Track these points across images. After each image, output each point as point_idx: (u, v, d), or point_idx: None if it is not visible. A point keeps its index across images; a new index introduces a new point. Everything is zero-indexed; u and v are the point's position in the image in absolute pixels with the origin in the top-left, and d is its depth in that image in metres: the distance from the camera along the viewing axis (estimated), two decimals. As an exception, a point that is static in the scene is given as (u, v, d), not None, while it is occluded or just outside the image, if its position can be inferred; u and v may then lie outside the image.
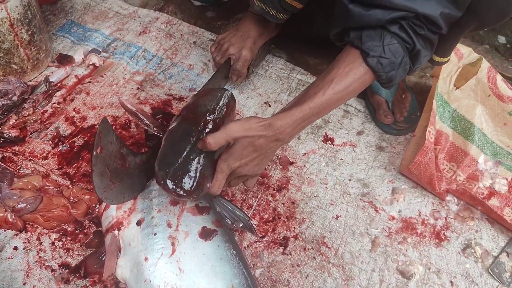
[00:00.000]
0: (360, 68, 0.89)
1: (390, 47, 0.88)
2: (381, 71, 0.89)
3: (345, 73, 0.89)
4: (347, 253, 1.03)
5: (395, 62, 0.89)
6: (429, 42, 0.91)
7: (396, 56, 0.88)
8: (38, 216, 0.96)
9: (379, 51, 0.88)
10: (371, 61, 0.88)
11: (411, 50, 0.89)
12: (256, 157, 0.89)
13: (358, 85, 0.90)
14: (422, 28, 0.87)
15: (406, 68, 0.92)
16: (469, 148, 1.14)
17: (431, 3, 0.86)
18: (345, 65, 0.89)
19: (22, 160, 1.06)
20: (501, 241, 1.09)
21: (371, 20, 0.88)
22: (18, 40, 1.12)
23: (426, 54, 0.92)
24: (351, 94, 0.92)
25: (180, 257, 0.84)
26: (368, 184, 1.15)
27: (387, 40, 0.88)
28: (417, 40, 0.88)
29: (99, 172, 0.81)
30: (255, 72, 1.36)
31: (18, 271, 0.91)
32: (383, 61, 0.88)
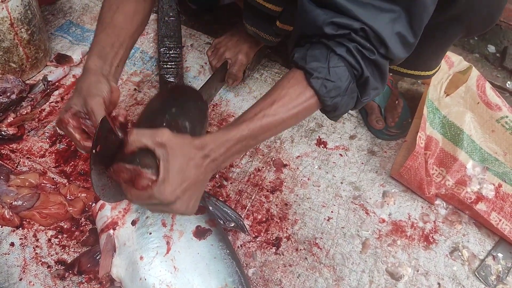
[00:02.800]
0: (305, 91, 0.81)
1: (336, 69, 0.80)
2: (325, 95, 0.80)
3: (288, 95, 0.81)
4: (338, 254, 1.05)
5: (341, 87, 0.80)
6: (378, 71, 0.82)
7: (342, 80, 0.80)
8: (35, 213, 0.97)
9: (324, 72, 0.79)
10: (315, 83, 0.80)
11: (359, 77, 0.81)
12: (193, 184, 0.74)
13: (301, 110, 0.82)
14: (372, 53, 0.79)
15: (353, 96, 0.84)
16: (458, 154, 1.17)
17: (383, 18, 0.78)
18: (289, 86, 0.81)
19: (19, 158, 1.08)
20: (488, 245, 1.12)
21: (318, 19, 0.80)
22: (18, 39, 1.13)
23: (376, 86, 0.84)
24: (294, 118, 0.83)
25: (175, 255, 0.86)
26: (360, 187, 1.18)
27: (333, 62, 0.79)
28: (365, 66, 0.79)
29: (98, 170, 0.82)
30: (251, 76, 1.38)
31: (15, 266, 0.92)
32: (328, 84, 0.79)
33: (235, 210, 1.03)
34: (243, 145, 0.79)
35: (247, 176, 1.15)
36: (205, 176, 0.76)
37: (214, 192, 1.10)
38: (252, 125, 0.78)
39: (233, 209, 1.03)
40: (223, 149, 0.76)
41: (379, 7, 0.77)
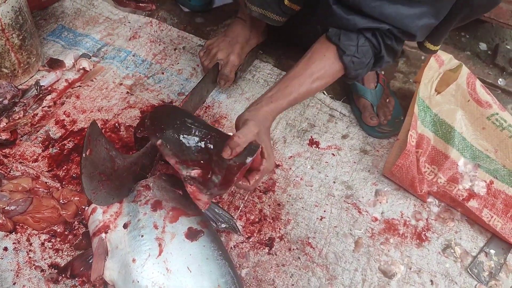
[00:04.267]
0: (335, 65, 1.03)
1: (362, 48, 1.01)
2: (351, 69, 1.02)
3: (323, 68, 1.02)
4: (331, 253, 1.06)
5: (364, 62, 1.02)
6: (392, 52, 1.05)
7: (366, 57, 1.02)
8: (28, 217, 0.97)
9: (353, 50, 1.00)
10: (346, 59, 1.01)
11: (377, 54, 1.03)
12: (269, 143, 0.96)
13: (329, 81, 1.05)
14: (390, 39, 1.01)
15: (370, 68, 1.06)
16: (449, 152, 1.18)
17: (412, 18, 0.97)
18: (325, 60, 1.02)
19: (12, 163, 1.08)
20: (480, 242, 1.12)
21: (349, 24, 1.00)
22: (9, 44, 1.14)
23: (388, 60, 1.06)
24: (322, 88, 1.07)
25: (167, 257, 0.87)
26: (352, 186, 1.18)
27: (361, 42, 1.00)
28: (384, 48, 1.02)
29: (88, 174, 0.83)
30: (243, 77, 1.39)
31: (8, 271, 0.92)
32: (355, 60, 1.01)
33: (227, 211, 1.03)
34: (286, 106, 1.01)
35: (239, 177, 1.15)
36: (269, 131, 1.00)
37: (207, 193, 1.11)
38: (297, 94, 1.01)
39: (225, 210, 1.03)
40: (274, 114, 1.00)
41: (406, 4, 0.96)
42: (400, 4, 0.96)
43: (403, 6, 0.96)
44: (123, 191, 0.95)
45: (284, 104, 1.00)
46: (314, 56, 1.03)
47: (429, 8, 0.97)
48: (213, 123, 1.26)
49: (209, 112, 1.29)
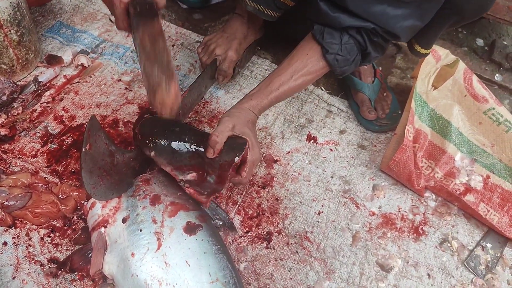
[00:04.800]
0: (319, 63, 1.04)
1: (346, 46, 1.01)
2: (336, 66, 1.04)
3: (306, 66, 1.03)
4: (328, 247, 1.06)
5: (349, 60, 1.03)
6: (380, 47, 1.05)
7: (350, 54, 1.02)
8: (27, 212, 0.98)
9: (336, 48, 1.01)
10: (329, 57, 1.02)
11: (363, 50, 1.03)
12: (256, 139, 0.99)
13: (315, 76, 1.07)
14: (376, 36, 1.00)
15: (357, 63, 1.06)
16: (446, 146, 1.18)
17: (397, 19, 0.97)
18: (307, 58, 1.04)
19: (11, 158, 1.09)
20: (477, 236, 1.13)
21: (335, 21, 1.00)
22: (8, 40, 1.14)
23: (376, 55, 1.06)
24: (307, 85, 1.08)
25: (166, 251, 0.87)
26: (350, 181, 1.19)
27: (345, 40, 1.01)
28: (369, 45, 1.02)
29: (88, 168, 0.83)
30: (241, 73, 1.39)
31: (8, 265, 0.93)
32: (339, 58, 1.02)
33: (223, 209, 1.04)
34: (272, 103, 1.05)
35: (238, 172, 1.16)
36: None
37: (206, 188, 1.11)
38: (278, 93, 1.03)
39: (222, 208, 1.04)
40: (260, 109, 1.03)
41: (393, 4, 0.95)
42: (387, 4, 0.96)
43: (389, 7, 0.96)
44: (122, 186, 0.96)
45: (265, 102, 1.02)
46: (297, 55, 1.05)
47: (415, 10, 0.97)
48: (211, 119, 1.26)
49: (207, 108, 1.29)
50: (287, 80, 1.03)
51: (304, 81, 1.05)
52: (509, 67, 1.56)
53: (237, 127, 0.94)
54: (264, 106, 1.03)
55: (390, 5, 0.96)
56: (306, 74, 1.04)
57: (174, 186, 0.98)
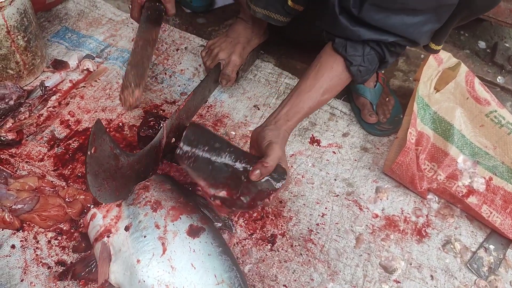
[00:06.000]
0: (343, 75, 1.07)
1: (368, 57, 1.05)
2: (358, 77, 1.08)
3: (332, 80, 1.06)
4: (332, 249, 1.07)
5: (370, 69, 1.08)
6: (396, 54, 1.09)
7: (372, 64, 1.07)
8: (35, 215, 0.99)
9: (359, 60, 1.05)
10: (353, 70, 1.06)
11: (382, 60, 1.08)
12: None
13: (338, 90, 1.11)
14: (394, 46, 1.05)
15: (375, 71, 1.11)
16: (449, 149, 1.19)
17: (417, 26, 1.00)
18: (332, 72, 1.06)
19: (19, 162, 1.10)
20: (479, 237, 1.14)
21: (354, 35, 1.03)
22: (15, 46, 1.16)
23: (392, 61, 1.11)
24: (331, 98, 1.13)
25: (171, 255, 0.88)
26: (353, 183, 1.20)
27: (366, 51, 1.05)
28: (388, 54, 1.06)
29: (93, 171, 0.85)
30: (245, 77, 1.41)
31: (16, 268, 0.94)
32: (362, 69, 1.06)
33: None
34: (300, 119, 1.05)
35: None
36: None
37: (210, 191, 1.12)
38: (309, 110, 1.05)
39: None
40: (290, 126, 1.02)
41: (411, 13, 0.98)
42: (404, 14, 0.98)
43: (407, 16, 0.98)
44: (127, 189, 0.97)
45: (298, 120, 1.04)
46: (322, 69, 1.06)
47: (432, 15, 0.99)
48: (215, 122, 1.28)
49: (211, 111, 1.30)
50: (317, 98, 1.05)
51: (330, 96, 1.09)
52: (511, 70, 1.57)
53: (283, 156, 0.95)
54: (296, 125, 1.05)
55: (407, 14, 0.98)
56: (332, 88, 1.07)
57: (173, 192, 0.99)
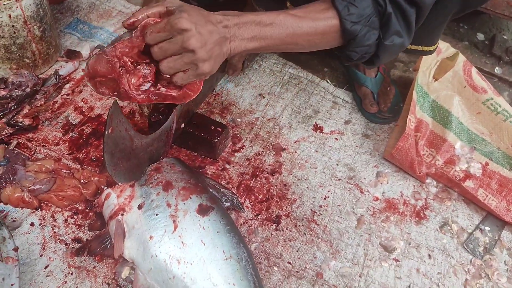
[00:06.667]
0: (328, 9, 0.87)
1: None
2: (347, 18, 0.85)
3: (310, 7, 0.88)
4: (334, 230, 1.12)
5: (363, 15, 0.85)
6: (402, 15, 0.87)
7: (366, 9, 0.85)
8: (52, 195, 1.05)
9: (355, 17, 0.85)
10: (339, 3, 0.85)
11: (382, 14, 0.87)
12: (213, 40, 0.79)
13: (321, 26, 0.87)
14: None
15: (374, 32, 0.88)
16: (447, 135, 1.24)
17: None
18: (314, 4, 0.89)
19: (35, 146, 1.16)
20: (476, 219, 1.19)
21: None
22: (31, 36, 1.21)
23: (399, 30, 0.88)
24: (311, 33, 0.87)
25: (182, 232, 0.93)
26: (354, 168, 1.25)
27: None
28: (389, 2, 0.86)
29: (110, 150, 0.90)
30: (250, 66, 1.46)
31: (35, 244, 1.00)
32: (351, 7, 0.85)
33: (230, 189, 1.11)
34: (258, 30, 0.83)
35: (248, 160, 1.22)
36: (220, 36, 0.81)
37: (218, 175, 1.18)
38: (270, 14, 0.84)
39: (228, 189, 1.10)
40: (235, 20, 0.83)
41: None
42: None
43: None
44: (140, 170, 1.02)
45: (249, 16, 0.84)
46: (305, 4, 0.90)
47: None
48: (222, 110, 1.33)
49: (218, 100, 1.35)
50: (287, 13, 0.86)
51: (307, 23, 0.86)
52: (509, 61, 1.61)
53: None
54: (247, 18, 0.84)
55: None
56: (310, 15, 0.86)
57: (182, 173, 1.04)
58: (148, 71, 0.86)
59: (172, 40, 0.78)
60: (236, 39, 0.83)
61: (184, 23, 0.76)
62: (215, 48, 0.80)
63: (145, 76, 0.87)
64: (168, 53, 0.80)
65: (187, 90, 0.89)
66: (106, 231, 1.01)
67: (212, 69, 0.83)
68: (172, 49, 0.79)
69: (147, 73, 0.87)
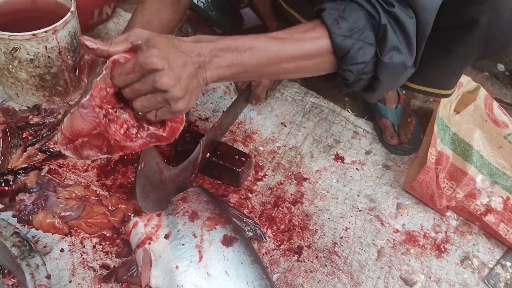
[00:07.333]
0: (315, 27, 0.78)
1: (352, 12, 0.78)
2: (336, 32, 0.76)
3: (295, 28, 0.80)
4: (355, 261, 1.14)
5: (354, 28, 0.77)
6: (399, 26, 0.78)
7: (357, 23, 0.77)
8: (82, 222, 1.08)
9: (339, 10, 0.78)
10: (327, 17, 0.77)
11: (377, 27, 0.78)
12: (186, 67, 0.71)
13: (308, 47, 0.78)
14: (391, 5, 0.77)
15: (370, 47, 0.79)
16: (467, 168, 1.25)
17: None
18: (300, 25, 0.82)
19: (66, 172, 1.19)
20: (497, 254, 1.19)
21: None
22: (64, 65, 1.26)
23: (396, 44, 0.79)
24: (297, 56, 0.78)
25: (207, 263, 0.95)
26: (375, 199, 1.27)
27: (351, 6, 0.78)
28: (383, 13, 0.77)
29: (141, 184, 0.93)
30: (272, 95, 1.49)
31: (65, 270, 1.03)
32: (341, 21, 0.77)
33: (253, 219, 1.13)
34: (235, 57, 0.75)
35: (270, 189, 1.25)
36: (195, 67, 0.73)
37: (240, 203, 1.20)
38: (248, 38, 0.77)
39: (251, 218, 1.12)
40: (210, 47, 0.74)
41: None
42: None
43: None
44: (167, 200, 1.06)
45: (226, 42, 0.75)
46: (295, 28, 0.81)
47: None
48: (245, 138, 1.36)
49: (241, 128, 1.39)
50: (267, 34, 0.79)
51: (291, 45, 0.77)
52: (530, 92, 1.62)
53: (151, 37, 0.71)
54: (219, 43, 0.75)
55: None
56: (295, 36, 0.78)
57: (208, 203, 1.07)
58: (127, 115, 0.78)
59: (143, 81, 0.71)
60: (212, 68, 0.75)
61: (155, 62, 0.68)
62: (190, 82, 0.73)
63: (127, 121, 0.79)
64: (141, 94, 0.73)
65: (171, 124, 0.80)
66: (132, 258, 1.04)
67: (188, 105, 0.74)
68: (144, 90, 0.72)
69: (127, 117, 0.79)
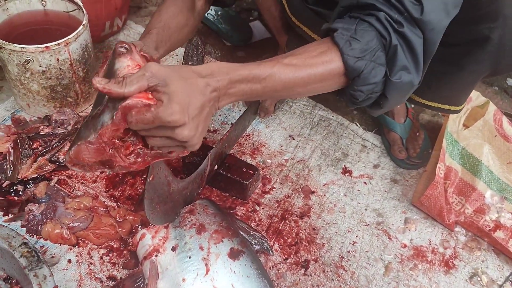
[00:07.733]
0: (328, 50, 0.79)
1: (363, 32, 0.78)
2: (349, 53, 0.77)
3: (308, 51, 0.80)
4: (362, 276, 1.13)
5: (367, 50, 0.78)
6: (408, 46, 0.80)
7: (369, 43, 0.78)
8: (90, 233, 1.09)
9: (350, 31, 0.78)
10: (339, 38, 0.78)
11: (388, 47, 0.79)
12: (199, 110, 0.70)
13: (321, 70, 0.79)
14: (401, 25, 0.78)
15: (380, 68, 0.80)
16: (476, 184, 1.24)
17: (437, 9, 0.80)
18: (311, 45, 0.82)
19: (75, 183, 1.21)
20: (506, 271, 1.18)
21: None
22: (75, 77, 1.28)
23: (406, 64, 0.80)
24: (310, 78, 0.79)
25: (213, 276, 0.95)
26: (383, 213, 1.26)
27: (361, 26, 0.79)
28: (393, 34, 0.78)
29: (150, 197, 0.94)
30: (281, 108, 1.49)
31: (72, 281, 1.03)
32: (353, 42, 0.78)
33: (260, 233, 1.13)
34: (249, 87, 0.76)
35: (277, 202, 1.25)
36: (210, 105, 0.72)
37: (248, 216, 1.20)
38: (262, 67, 0.76)
39: (258, 231, 1.12)
40: (226, 81, 0.73)
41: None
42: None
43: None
44: (174, 212, 1.06)
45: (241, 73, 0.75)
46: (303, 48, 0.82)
47: None
48: (253, 151, 1.36)
49: (250, 140, 1.39)
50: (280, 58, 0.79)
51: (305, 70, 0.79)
52: (539, 107, 1.61)
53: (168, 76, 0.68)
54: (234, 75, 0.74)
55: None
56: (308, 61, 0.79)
57: (215, 216, 1.07)
58: (134, 138, 0.76)
59: (162, 131, 0.70)
60: (226, 98, 0.76)
61: (177, 119, 0.67)
62: (206, 122, 0.74)
63: (134, 144, 0.77)
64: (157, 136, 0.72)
65: None
66: (139, 270, 1.04)
67: (199, 144, 0.75)
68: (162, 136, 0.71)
69: (134, 141, 0.77)
